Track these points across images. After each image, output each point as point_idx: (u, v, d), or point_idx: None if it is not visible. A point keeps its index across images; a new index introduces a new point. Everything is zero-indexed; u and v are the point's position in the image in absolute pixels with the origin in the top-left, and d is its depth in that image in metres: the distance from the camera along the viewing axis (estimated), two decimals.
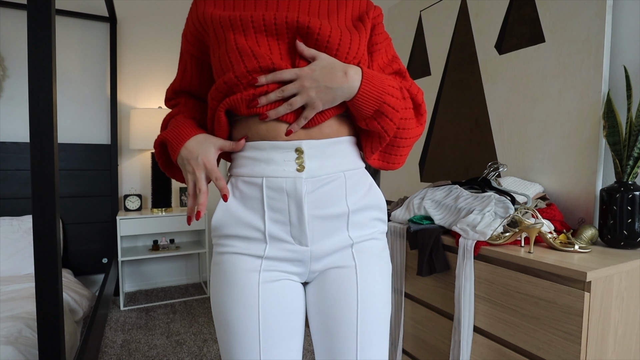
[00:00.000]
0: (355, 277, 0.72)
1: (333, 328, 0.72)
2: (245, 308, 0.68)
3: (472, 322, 1.16)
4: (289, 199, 0.68)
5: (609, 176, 1.29)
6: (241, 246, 0.70)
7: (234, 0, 0.71)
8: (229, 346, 0.70)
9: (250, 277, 0.69)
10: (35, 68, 0.85)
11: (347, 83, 0.65)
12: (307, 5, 0.71)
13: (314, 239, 0.70)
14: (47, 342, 0.90)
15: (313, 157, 0.69)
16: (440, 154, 1.90)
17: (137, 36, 2.85)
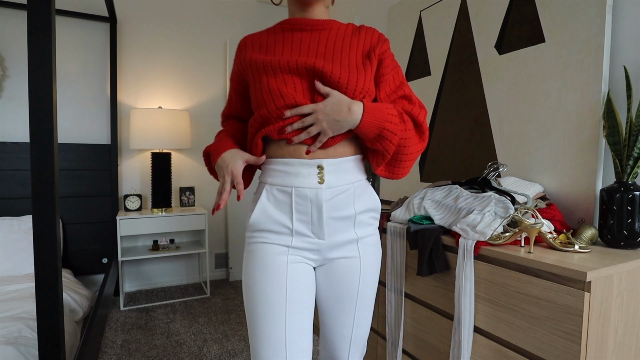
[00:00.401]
0: (359, 265, 0.95)
1: (337, 305, 0.95)
2: (276, 282, 0.87)
3: (472, 322, 1.16)
4: (312, 205, 0.88)
5: (609, 176, 1.29)
6: (273, 237, 0.90)
7: (267, 47, 0.94)
8: (258, 314, 0.86)
9: (281, 260, 0.88)
10: (35, 68, 0.85)
11: (351, 117, 0.85)
12: (323, 49, 0.90)
13: (329, 234, 0.91)
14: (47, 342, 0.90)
15: (331, 172, 0.89)
16: (440, 154, 1.90)
17: (137, 36, 2.86)
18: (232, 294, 2.90)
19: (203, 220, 2.78)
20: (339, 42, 0.93)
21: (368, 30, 0.97)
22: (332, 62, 0.89)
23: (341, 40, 0.93)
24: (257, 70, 0.91)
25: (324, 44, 0.92)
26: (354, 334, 0.98)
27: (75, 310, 1.92)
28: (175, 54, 2.99)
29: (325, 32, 0.94)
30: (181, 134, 2.74)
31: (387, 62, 0.94)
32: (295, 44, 0.92)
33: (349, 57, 0.91)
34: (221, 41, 3.15)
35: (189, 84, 3.05)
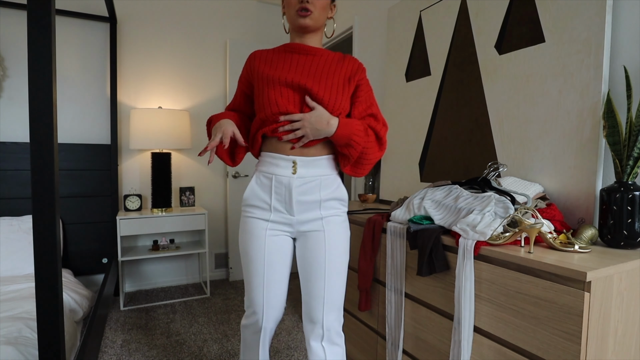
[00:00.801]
0: (324, 237, 1.20)
1: (311, 269, 1.21)
2: (258, 246, 1.20)
3: (472, 322, 1.16)
4: (285, 189, 1.17)
5: (609, 176, 1.29)
6: (258, 213, 1.21)
7: (272, 63, 1.20)
8: (248, 268, 1.22)
9: (262, 231, 1.20)
10: (35, 68, 0.85)
11: (328, 128, 1.13)
12: (314, 71, 1.17)
13: (298, 212, 1.19)
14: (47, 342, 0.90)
15: (302, 167, 1.17)
16: (440, 154, 1.90)
17: (137, 36, 2.86)
18: (232, 294, 2.90)
19: (203, 220, 2.78)
20: (326, 66, 1.18)
21: (351, 59, 1.23)
22: (319, 83, 1.15)
23: (329, 65, 1.19)
24: (262, 80, 1.17)
25: (315, 67, 1.17)
26: (326, 295, 1.19)
27: (75, 310, 1.92)
28: (175, 54, 2.99)
29: (317, 58, 1.20)
30: (181, 134, 2.74)
31: (362, 87, 1.22)
32: (292, 64, 1.18)
33: (333, 80, 1.17)
34: (221, 41, 3.15)
35: (189, 84, 3.05)
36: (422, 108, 2.03)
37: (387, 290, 1.53)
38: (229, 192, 3.16)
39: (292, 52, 1.21)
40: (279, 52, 1.22)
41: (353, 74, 1.20)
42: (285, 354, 2.02)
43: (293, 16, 1.17)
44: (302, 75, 1.15)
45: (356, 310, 1.80)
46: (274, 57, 1.21)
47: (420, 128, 2.04)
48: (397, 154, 2.21)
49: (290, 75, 1.14)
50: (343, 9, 2.92)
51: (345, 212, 1.26)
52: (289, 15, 1.20)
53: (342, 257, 1.22)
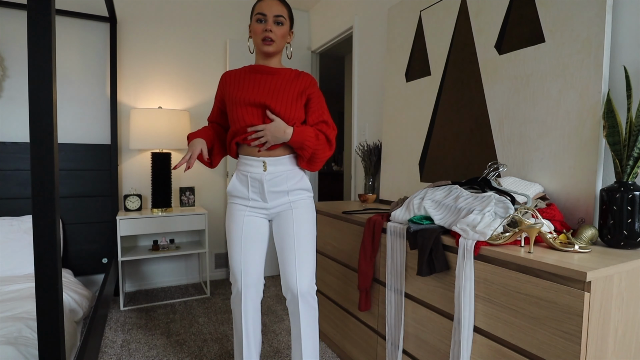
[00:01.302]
0: (292, 216, 1.47)
1: (283, 243, 1.47)
2: (237, 227, 1.48)
3: (472, 322, 1.16)
4: (259, 183, 1.44)
5: (609, 176, 1.29)
6: (238, 201, 1.50)
7: (239, 84, 1.46)
8: (230, 244, 1.50)
9: (241, 215, 1.49)
10: (35, 68, 0.85)
11: (285, 136, 1.39)
12: (273, 89, 1.42)
13: (270, 200, 1.46)
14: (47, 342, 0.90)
15: (270, 165, 1.44)
16: (440, 154, 1.90)
17: (137, 36, 2.86)
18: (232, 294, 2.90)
19: (203, 220, 2.78)
20: (284, 84, 1.44)
21: (304, 76, 1.48)
22: (276, 99, 1.40)
23: (285, 82, 1.44)
24: (231, 101, 1.45)
25: (274, 84, 1.43)
26: (297, 263, 1.44)
27: (75, 310, 1.92)
28: (175, 54, 2.99)
29: (276, 76, 1.44)
30: (181, 134, 2.74)
31: (314, 99, 1.47)
32: (256, 84, 1.43)
33: (288, 95, 1.42)
34: (221, 41, 3.15)
35: (189, 84, 3.05)
36: (422, 108, 2.03)
37: (387, 290, 1.53)
38: None
39: (257, 72, 1.46)
40: (246, 73, 1.47)
41: (305, 89, 1.45)
42: (285, 353, 2.02)
43: (258, 43, 1.43)
44: (263, 93, 1.41)
45: (356, 310, 1.80)
46: (241, 77, 1.47)
47: (420, 128, 2.04)
48: (397, 154, 2.21)
49: (253, 96, 1.41)
50: (343, 9, 2.92)
51: (310, 197, 1.53)
52: (255, 41, 1.45)
53: (309, 232, 1.48)
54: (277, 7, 1.40)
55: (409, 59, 2.13)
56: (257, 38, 1.41)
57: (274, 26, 1.40)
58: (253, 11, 1.43)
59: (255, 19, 1.41)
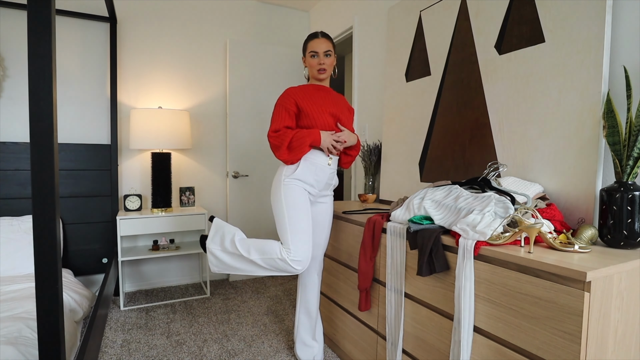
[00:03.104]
0: (327, 210, 1.86)
1: (319, 228, 1.85)
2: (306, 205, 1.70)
3: (472, 322, 1.16)
4: (323, 173, 1.76)
5: (609, 176, 1.29)
6: (300, 185, 1.72)
7: (312, 98, 1.77)
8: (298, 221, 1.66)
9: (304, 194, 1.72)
10: (35, 68, 0.85)
11: (354, 140, 1.83)
12: (336, 104, 1.81)
13: (323, 189, 1.81)
14: (47, 342, 0.90)
15: (332, 162, 1.79)
16: (440, 154, 1.90)
17: (137, 36, 2.86)
18: (232, 294, 2.90)
19: (203, 220, 2.78)
20: (338, 99, 1.85)
21: (343, 96, 1.90)
22: (339, 110, 1.81)
23: (338, 97, 1.86)
24: (312, 110, 1.75)
25: (335, 100, 1.83)
26: (324, 243, 1.88)
27: (75, 310, 1.92)
28: (175, 54, 2.99)
29: (332, 94, 1.85)
30: (181, 134, 2.74)
31: (352, 115, 1.93)
32: (326, 99, 1.80)
33: (343, 108, 1.85)
34: (221, 41, 3.15)
35: (189, 84, 3.05)
36: (422, 108, 2.03)
37: (387, 290, 1.53)
38: (229, 192, 3.16)
39: (320, 90, 1.82)
40: (313, 90, 1.81)
41: (348, 107, 1.90)
42: (285, 353, 2.02)
43: (314, 72, 1.81)
44: (332, 105, 1.80)
45: (356, 310, 1.80)
46: (311, 93, 1.79)
47: (420, 128, 2.04)
48: (397, 154, 2.21)
49: (329, 107, 1.78)
50: (343, 9, 2.92)
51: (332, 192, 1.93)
52: (310, 70, 1.83)
53: (330, 221, 1.89)
54: (325, 44, 1.78)
55: (409, 59, 2.13)
56: (313, 69, 1.80)
57: (325, 58, 1.78)
58: (306, 48, 1.81)
59: (309, 55, 1.80)
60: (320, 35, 1.80)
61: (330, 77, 1.88)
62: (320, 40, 1.78)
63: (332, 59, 1.81)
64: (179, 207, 2.97)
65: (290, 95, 1.77)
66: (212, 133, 3.16)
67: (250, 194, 3.23)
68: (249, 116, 3.17)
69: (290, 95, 1.77)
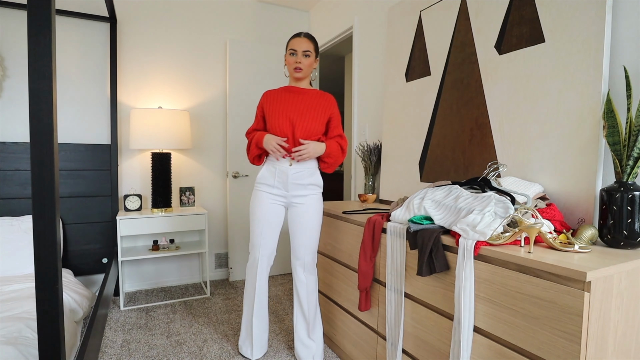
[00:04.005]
0: (306, 206, 1.84)
1: (296, 228, 1.85)
2: (262, 210, 1.85)
3: (472, 322, 1.16)
4: (285, 175, 1.81)
5: (609, 176, 1.29)
6: (265, 188, 1.86)
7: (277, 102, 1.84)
8: (253, 223, 1.87)
9: (266, 201, 1.85)
10: (35, 68, 0.85)
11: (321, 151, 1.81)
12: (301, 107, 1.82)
13: (291, 190, 1.83)
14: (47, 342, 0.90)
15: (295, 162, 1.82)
16: (440, 154, 1.90)
17: (137, 36, 2.86)
18: (232, 294, 2.90)
19: (203, 220, 2.78)
20: (311, 101, 1.83)
21: (327, 96, 1.88)
22: (304, 114, 1.80)
23: (311, 100, 1.84)
24: (271, 114, 1.83)
25: (303, 102, 1.83)
26: (306, 243, 1.85)
27: (75, 310, 1.92)
28: (175, 54, 2.99)
29: (304, 96, 1.84)
30: (181, 134, 2.74)
31: (334, 118, 1.87)
32: (289, 101, 1.83)
33: (314, 111, 1.82)
34: (221, 41, 3.15)
35: (189, 84, 3.05)
36: (422, 108, 2.03)
37: (387, 290, 1.53)
38: (229, 192, 3.16)
39: (290, 92, 1.86)
40: (282, 92, 1.87)
41: (328, 108, 1.85)
42: (285, 353, 2.02)
43: (291, 70, 1.82)
44: (293, 109, 1.81)
45: (356, 310, 1.80)
46: (278, 96, 1.86)
47: (420, 128, 2.04)
48: (397, 154, 2.21)
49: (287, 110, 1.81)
50: (343, 9, 2.92)
51: (320, 192, 1.89)
52: (289, 68, 1.83)
53: (316, 221, 1.86)
54: (306, 44, 1.80)
55: (409, 59, 2.13)
56: (290, 67, 1.82)
57: (303, 58, 1.79)
58: (287, 46, 1.83)
59: (289, 52, 1.81)
60: (303, 35, 1.82)
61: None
62: (301, 40, 1.80)
63: (311, 60, 1.82)
64: (179, 207, 2.97)
65: (262, 99, 1.91)
66: (212, 133, 3.16)
67: (250, 194, 3.23)
68: (249, 116, 3.17)
69: (261, 99, 1.90)
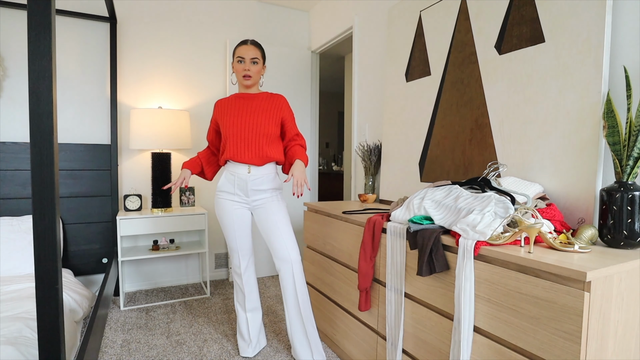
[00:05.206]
0: (270, 207, 1.86)
1: (268, 227, 1.85)
2: (228, 217, 1.91)
3: (472, 322, 1.16)
4: (244, 182, 1.86)
5: (609, 176, 1.29)
6: (226, 196, 1.91)
7: (228, 109, 1.88)
8: (225, 231, 1.94)
9: (230, 207, 1.91)
10: (35, 68, 0.85)
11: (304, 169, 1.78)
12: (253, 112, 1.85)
13: (251, 195, 1.87)
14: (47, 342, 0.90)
15: (253, 169, 1.86)
16: (440, 154, 1.90)
17: (137, 36, 2.86)
18: (232, 294, 2.90)
19: (203, 220, 2.78)
20: (261, 104, 1.87)
21: (277, 96, 1.90)
22: (256, 118, 1.83)
23: (262, 103, 1.87)
24: (224, 123, 1.87)
25: (254, 107, 1.86)
26: (285, 239, 1.81)
27: (75, 310, 1.92)
28: (175, 54, 2.99)
29: (255, 101, 1.87)
30: (181, 134, 2.74)
31: (288, 118, 1.90)
32: (241, 108, 1.87)
33: (265, 113, 1.85)
34: (221, 41, 3.15)
35: (189, 84, 3.05)
36: (422, 108, 2.03)
37: (387, 290, 1.53)
38: None
39: (241, 98, 1.89)
40: (233, 100, 1.89)
41: (278, 109, 1.87)
42: (285, 353, 2.02)
43: (240, 78, 1.85)
44: (247, 114, 1.84)
45: (356, 310, 1.80)
46: (230, 104, 1.88)
47: (420, 128, 2.04)
48: (397, 154, 2.21)
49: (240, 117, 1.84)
50: (343, 9, 2.92)
51: (281, 193, 1.95)
52: (237, 76, 1.86)
53: (285, 217, 1.86)
54: (253, 51, 1.82)
55: (409, 59, 2.13)
56: (239, 74, 1.85)
57: (251, 65, 1.82)
58: (234, 53, 1.85)
59: (236, 60, 1.83)
60: (249, 42, 1.84)
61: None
62: (248, 47, 1.82)
63: (259, 67, 1.85)
64: (179, 207, 2.97)
65: (214, 110, 1.95)
66: None
67: None
68: None
69: (214, 110, 1.94)
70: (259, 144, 1.83)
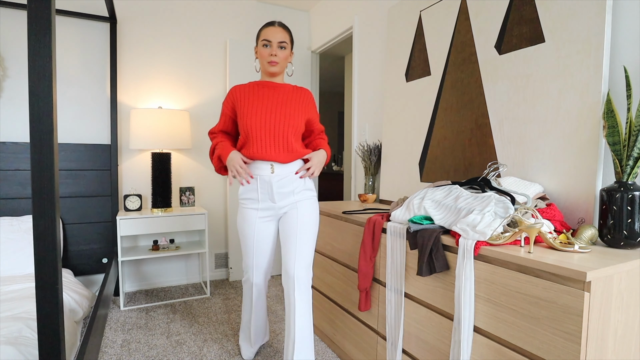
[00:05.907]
0: (297, 215, 1.63)
1: (287, 236, 1.63)
2: (250, 232, 1.69)
3: (472, 322, 1.16)
4: (268, 185, 1.62)
5: (609, 176, 1.29)
6: (250, 204, 1.68)
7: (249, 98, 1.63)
8: (243, 245, 1.73)
9: (253, 220, 1.68)
10: (35, 68, 0.85)
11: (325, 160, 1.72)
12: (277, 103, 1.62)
13: (278, 200, 1.63)
14: (47, 342, 0.90)
15: (277, 167, 1.62)
16: (440, 154, 1.90)
17: (137, 36, 2.86)
18: (232, 294, 2.90)
19: (203, 220, 2.78)
20: (289, 97, 1.65)
21: (304, 90, 1.70)
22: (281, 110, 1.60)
23: (290, 95, 1.66)
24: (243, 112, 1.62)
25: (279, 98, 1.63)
26: (297, 253, 1.57)
27: (75, 310, 1.92)
28: (175, 54, 2.99)
29: (279, 91, 1.65)
30: (181, 134, 2.74)
31: (314, 113, 1.72)
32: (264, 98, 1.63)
33: (290, 106, 1.63)
34: (221, 41, 3.15)
35: (189, 84, 3.05)
36: (422, 108, 2.03)
37: (387, 290, 1.53)
38: (229, 192, 3.16)
39: (264, 87, 1.65)
40: (254, 88, 1.65)
41: (306, 104, 1.68)
42: None
43: (264, 64, 1.62)
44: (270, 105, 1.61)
45: (356, 310, 1.80)
46: (250, 92, 1.65)
47: (420, 128, 2.04)
48: (397, 154, 2.21)
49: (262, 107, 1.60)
50: (343, 9, 2.92)
51: (314, 196, 1.71)
52: (261, 62, 1.63)
53: (311, 228, 1.63)
54: (281, 34, 1.59)
55: (409, 59, 2.13)
56: (264, 60, 1.61)
57: (278, 50, 1.60)
58: (259, 36, 1.62)
59: (261, 44, 1.60)
60: (277, 24, 1.61)
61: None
62: (275, 29, 1.58)
63: (287, 53, 1.63)
64: (179, 207, 2.97)
65: (229, 96, 1.67)
66: None
67: None
68: None
69: (229, 97, 1.67)
70: (286, 137, 1.58)
